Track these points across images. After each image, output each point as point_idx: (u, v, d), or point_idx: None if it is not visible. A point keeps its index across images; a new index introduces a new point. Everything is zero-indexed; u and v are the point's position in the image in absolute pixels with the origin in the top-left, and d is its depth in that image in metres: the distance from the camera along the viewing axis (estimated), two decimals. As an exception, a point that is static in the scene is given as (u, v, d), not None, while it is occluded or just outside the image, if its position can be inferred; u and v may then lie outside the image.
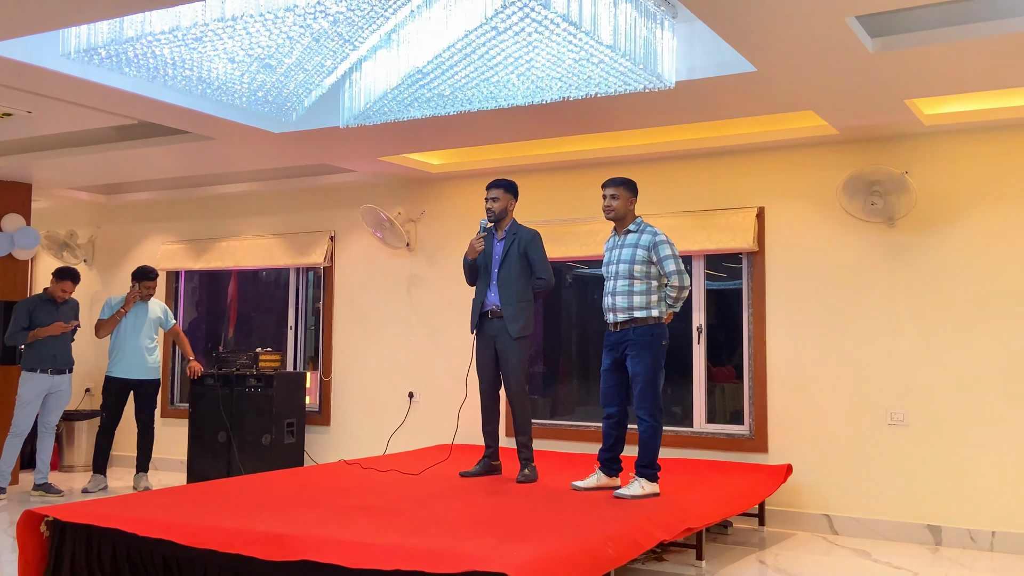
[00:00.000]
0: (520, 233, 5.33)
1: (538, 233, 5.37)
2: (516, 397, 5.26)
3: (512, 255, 5.28)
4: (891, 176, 5.49)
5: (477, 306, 5.36)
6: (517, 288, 5.25)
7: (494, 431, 5.41)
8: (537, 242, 5.32)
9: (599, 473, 4.95)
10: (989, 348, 5.43)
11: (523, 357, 5.28)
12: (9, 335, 6.88)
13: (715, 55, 4.60)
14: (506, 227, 5.36)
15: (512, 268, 5.27)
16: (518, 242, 5.30)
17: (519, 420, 5.29)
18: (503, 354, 5.26)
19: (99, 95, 5.07)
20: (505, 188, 5.36)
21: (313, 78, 5.36)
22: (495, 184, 5.37)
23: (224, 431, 7.14)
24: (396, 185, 7.48)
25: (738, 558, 5.06)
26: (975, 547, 5.34)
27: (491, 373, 5.35)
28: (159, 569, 4.02)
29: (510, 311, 5.23)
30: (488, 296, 5.32)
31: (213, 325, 8.70)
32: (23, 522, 4.21)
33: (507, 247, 5.29)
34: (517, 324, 5.22)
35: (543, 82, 4.87)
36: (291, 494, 4.68)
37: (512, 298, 5.24)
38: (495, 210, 5.33)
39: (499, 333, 5.26)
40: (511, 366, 5.24)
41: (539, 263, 5.29)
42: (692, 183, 6.36)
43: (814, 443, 5.83)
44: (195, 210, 8.47)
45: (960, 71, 4.48)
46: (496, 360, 5.32)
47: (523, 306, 5.26)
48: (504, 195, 5.35)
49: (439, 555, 3.32)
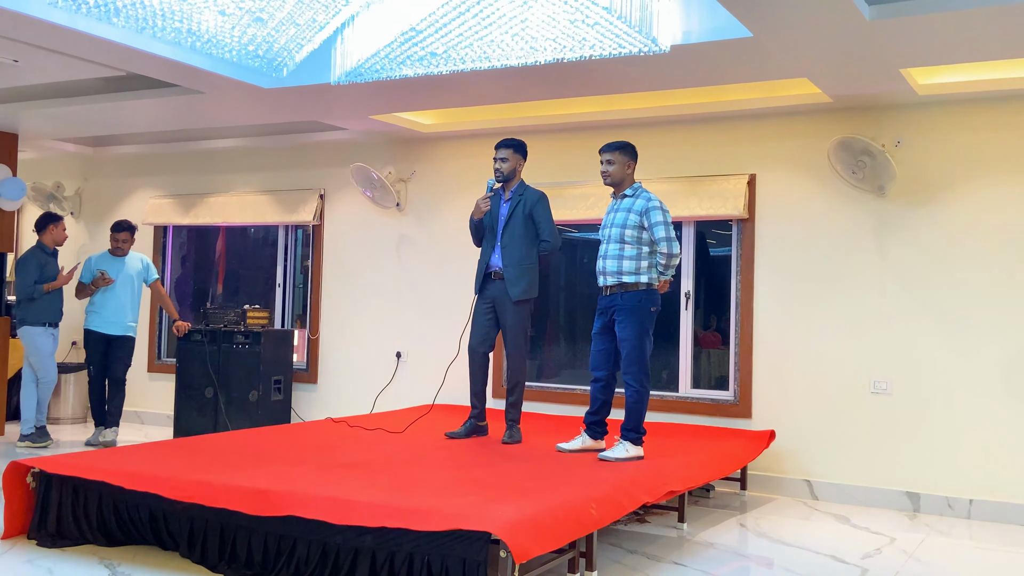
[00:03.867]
0: (526, 194, 5.25)
1: (545, 195, 5.29)
2: (513, 359, 5.26)
3: (517, 216, 5.20)
4: (872, 146, 5.49)
5: (482, 267, 5.31)
6: (521, 250, 5.18)
7: (481, 392, 5.39)
8: (543, 203, 5.24)
9: (584, 436, 4.98)
10: (976, 320, 5.47)
11: (523, 320, 5.22)
12: (23, 290, 6.77)
13: (711, 20, 4.55)
14: (513, 188, 5.28)
15: (516, 230, 5.20)
16: (524, 203, 5.21)
17: (511, 381, 5.29)
18: (502, 316, 5.23)
19: (86, 45, 5.00)
20: (515, 148, 5.26)
21: (304, 33, 5.31)
22: (505, 144, 5.26)
23: (211, 387, 7.15)
24: (387, 144, 7.43)
25: (719, 521, 5.13)
26: (953, 514, 5.43)
27: (484, 332, 5.30)
28: (145, 522, 4.05)
29: (512, 273, 5.17)
30: (492, 257, 5.26)
31: (201, 281, 8.67)
32: (9, 473, 4.22)
33: (512, 208, 5.22)
34: (519, 287, 5.16)
35: (537, 43, 4.83)
36: (278, 450, 4.71)
37: (515, 260, 5.18)
38: (504, 170, 5.23)
39: (500, 295, 5.22)
40: (510, 329, 5.21)
41: (545, 225, 5.21)
42: (684, 149, 6.34)
43: (797, 410, 5.89)
44: (184, 165, 8.40)
45: (957, 41, 4.45)
46: (492, 320, 5.29)
47: (525, 268, 5.18)
48: (513, 155, 5.25)
49: (424, 514, 3.36)
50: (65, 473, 4.12)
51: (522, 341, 5.24)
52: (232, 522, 3.78)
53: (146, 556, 3.98)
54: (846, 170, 5.64)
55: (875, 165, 5.54)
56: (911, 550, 4.62)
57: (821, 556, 4.44)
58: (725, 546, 4.59)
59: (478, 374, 5.37)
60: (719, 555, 4.42)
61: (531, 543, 3.23)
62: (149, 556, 3.98)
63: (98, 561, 3.92)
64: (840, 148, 5.59)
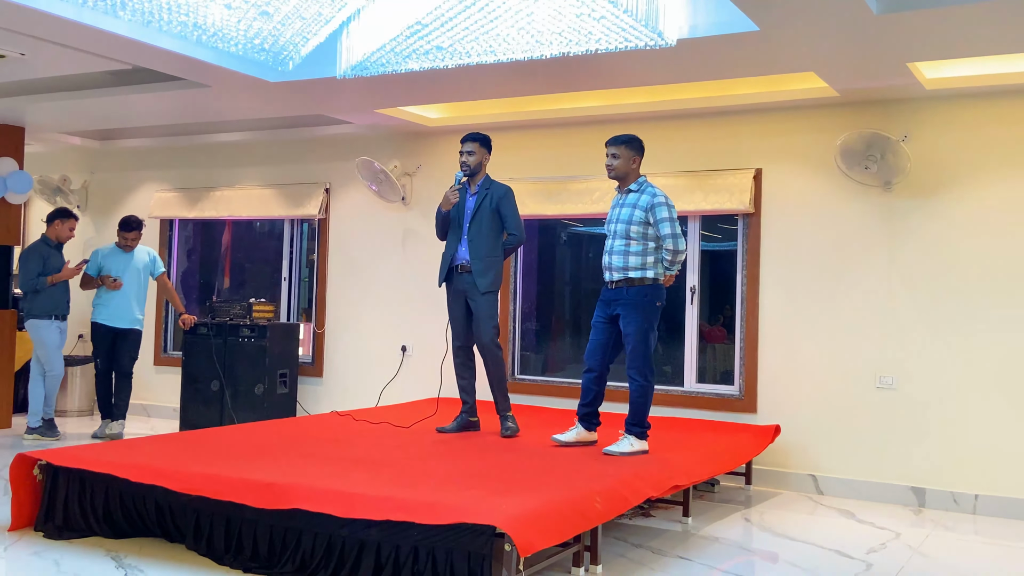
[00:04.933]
0: (492, 188, 5.29)
1: (511, 189, 5.34)
2: (488, 350, 5.26)
3: (484, 210, 5.24)
4: (885, 140, 5.47)
5: (447, 260, 5.33)
6: (487, 243, 5.23)
7: (469, 386, 5.40)
8: (509, 197, 5.28)
9: (579, 427, 4.97)
10: (982, 314, 5.46)
11: (493, 311, 5.26)
12: (27, 281, 6.81)
13: (717, 14, 4.54)
14: (479, 182, 5.31)
15: (483, 223, 5.24)
16: (490, 197, 5.25)
17: (493, 374, 5.29)
18: (475, 308, 5.26)
19: (92, 38, 5.00)
20: (481, 142, 5.30)
21: (310, 27, 5.31)
22: (470, 138, 5.30)
23: (217, 380, 7.17)
24: (392, 138, 7.43)
25: (724, 516, 5.13)
26: (958, 509, 5.42)
27: (463, 328, 5.33)
28: (151, 514, 4.07)
29: (479, 266, 5.21)
30: (459, 250, 5.28)
31: (207, 275, 8.69)
32: (16, 466, 4.24)
33: (479, 202, 5.26)
34: (486, 279, 5.20)
35: (543, 36, 4.83)
36: (283, 444, 4.72)
37: (481, 252, 5.22)
38: (470, 164, 5.26)
39: (469, 288, 5.25)
40: (482, 320, 5.23)
41: (511, 219, 5.26)
42: (690, 143, 6.33)
43: (803, 404, 5.88)
44: (190, 158, 8.41)
45: (964, 34, 4.44)
46: (468, 315, 5.32)
47: (491, 261, 5.23)
48: (479, 149, 5.29)
49: (429, 507, 3.37)
50: (72, 465, 4.14)
51: (495, 333, 5.26)
52: (238, 514, 3.80)
53: (152, 548, 4.00)
54: (852, 166, 5.61)
55: (885, 162, 5.51)
56: (916, 545, 4.62)
57: (826, 551, 4.44)
58: (730, 540, 4.60)
59: (464, 370, 5.38)
60: (724, 549, 4.42)
61: (536, 537, 3.24)
62: (155, 548, 3.99)
63: (104, 553, 3.93)
64: (846, 151, 5.56)
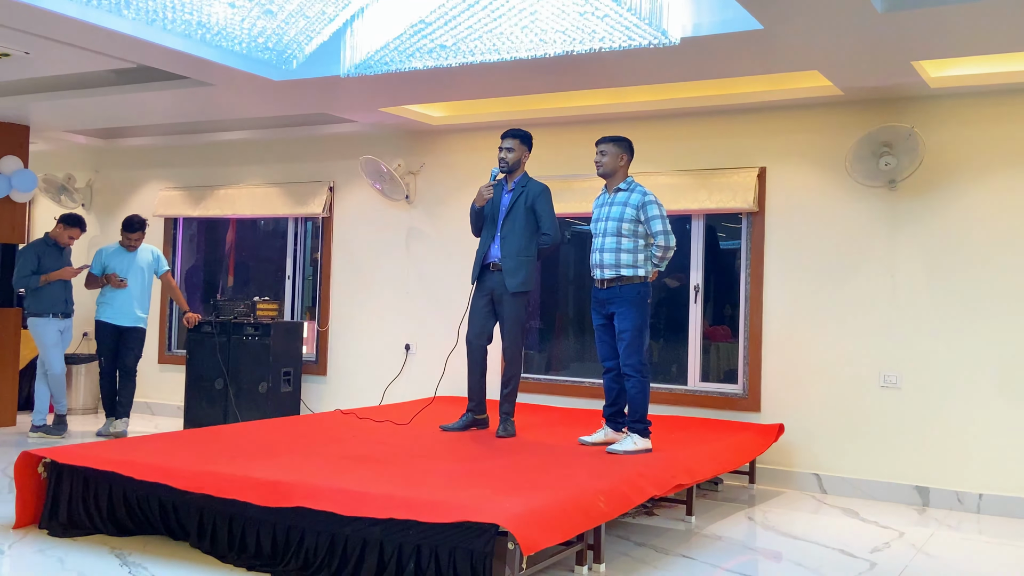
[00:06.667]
0: (529, 186, 5.21)
1: (548, 188, 5.25)
2: (509, 353, 5.24)
3: (519, 208, 5.17)
4: (901, 133, 5.45)
5: (479, 257, 5.29)
6: (520, 242, 5.15)
7: (478, 384, 5.36)
8: (546, 196, 5.20)
9: (606, 428, 4.99)
10: (987, 313, 5.45)
11: (520, 313, 5.19)
12: (19, 279, 6.85)
13: (721, 12, 4.54)
14: (516, 179, 5.25)
15: (517, 221, 5.17)
16: (526, 195, 5.18)
17: (508, 374, 5.26)
18: (500, 308, 5.22)
19: (97, 37, 5.01)
20: (521, 139, 5.24)
21: (314, 25, 5.31)
22: (511, 134, 5.24)
23: (221, 378, 7.18)
24: (396, 137, 7.43)
25: (727, 514, 5.13)
26: (962, 509, 5.41)
27: (481, 324, 5.28)
28: (155, 512, 4.07)
29: (510, 264, 5.14)
30: (491, 248, 5.23)
31: (211, 273, 8.70)
32: (20, 463, 4.24)
33: (514, 199, 5.19)
34: (517, 279, 5.13)
35: (547, 35, 4.83)
36: (287, 442, 4.73)
37: (513, 251, 5.15)
38: (508, 160, 5.20)
39: (497, 286, 5.19)
40: (507, 321, 5.19)
41: (546, 218, 5.17)
42: (694, 141, 6.32)
43: (807, 403, 5.88)
44: (194, 157, 8.42)
45: (969, 33, 4.43)
46: (490, 312, 5.27)
47: (523, 260, 5.15)
48: (519, 146, 5.23)
49: (432, 505, 3.37)
50: (76, 463, 4.15)
51: (519, 334, 5.20)
52: (242, 513, 3.80)
53: (156, 546, 4.00)
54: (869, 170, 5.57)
55: (901, 155, 5.47)
56: (920, 544, 4.61)
57: (830, 550, 4.43)
58: (733, 539, 4.59)
59: (477, 367, 5.33)
60: (727, 548, 4.42)
61: (539, 535, 3.24)
62: (159, 546, 4.00)
63: (109, 551, 3.94)
64: (858, 150, 5.54)
